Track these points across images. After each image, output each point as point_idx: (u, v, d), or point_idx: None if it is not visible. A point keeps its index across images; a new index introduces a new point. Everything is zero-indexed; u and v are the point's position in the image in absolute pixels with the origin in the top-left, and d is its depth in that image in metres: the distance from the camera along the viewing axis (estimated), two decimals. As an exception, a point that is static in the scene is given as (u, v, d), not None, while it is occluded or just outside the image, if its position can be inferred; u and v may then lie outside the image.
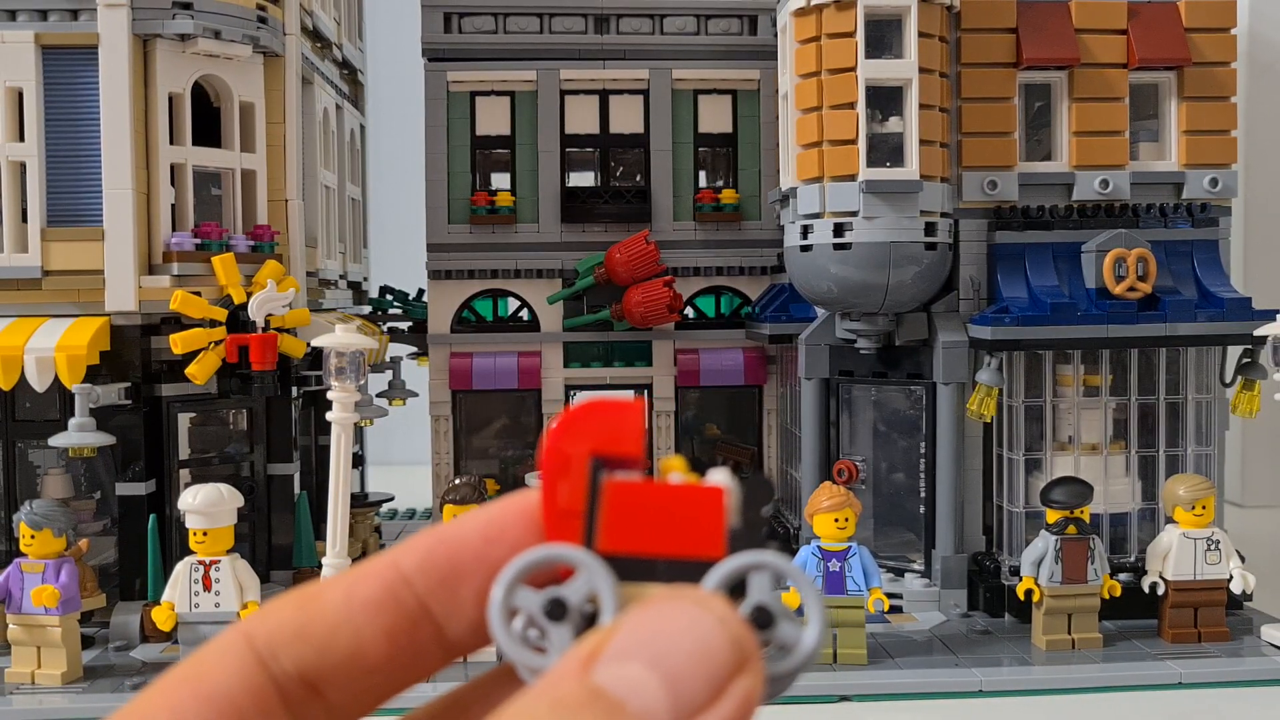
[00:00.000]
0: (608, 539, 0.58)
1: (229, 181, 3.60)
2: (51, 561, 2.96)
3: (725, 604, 0.53)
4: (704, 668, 0.48)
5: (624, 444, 0.58)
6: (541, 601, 0.56)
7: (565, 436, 0.59)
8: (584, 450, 0.59)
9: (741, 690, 0.49)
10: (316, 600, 0.56)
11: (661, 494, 0.58)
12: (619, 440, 0.59)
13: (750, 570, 0.55)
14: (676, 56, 4.32)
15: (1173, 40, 3.52)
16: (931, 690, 2.96)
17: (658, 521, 0.57)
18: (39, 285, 3.32)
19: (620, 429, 0.59)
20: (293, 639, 0.55)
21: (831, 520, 3.04)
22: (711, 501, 0.57)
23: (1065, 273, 3.46)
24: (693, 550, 0.55)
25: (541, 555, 0.57)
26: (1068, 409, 3.54)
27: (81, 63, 3.33)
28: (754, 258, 4.37)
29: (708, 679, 0.48)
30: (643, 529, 0.57)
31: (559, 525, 0.59)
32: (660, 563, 0.56)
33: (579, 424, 0.59)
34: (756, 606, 0.54)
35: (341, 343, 2.91)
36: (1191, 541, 3.20)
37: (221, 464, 3.65)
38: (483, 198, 4.30)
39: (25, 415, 3.46)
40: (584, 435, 0.59)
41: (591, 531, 0.58)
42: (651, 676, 0.48)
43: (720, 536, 0.56)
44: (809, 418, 3.82)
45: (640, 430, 0.59)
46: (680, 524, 0.56)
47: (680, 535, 0.56)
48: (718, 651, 0.49)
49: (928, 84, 3.34)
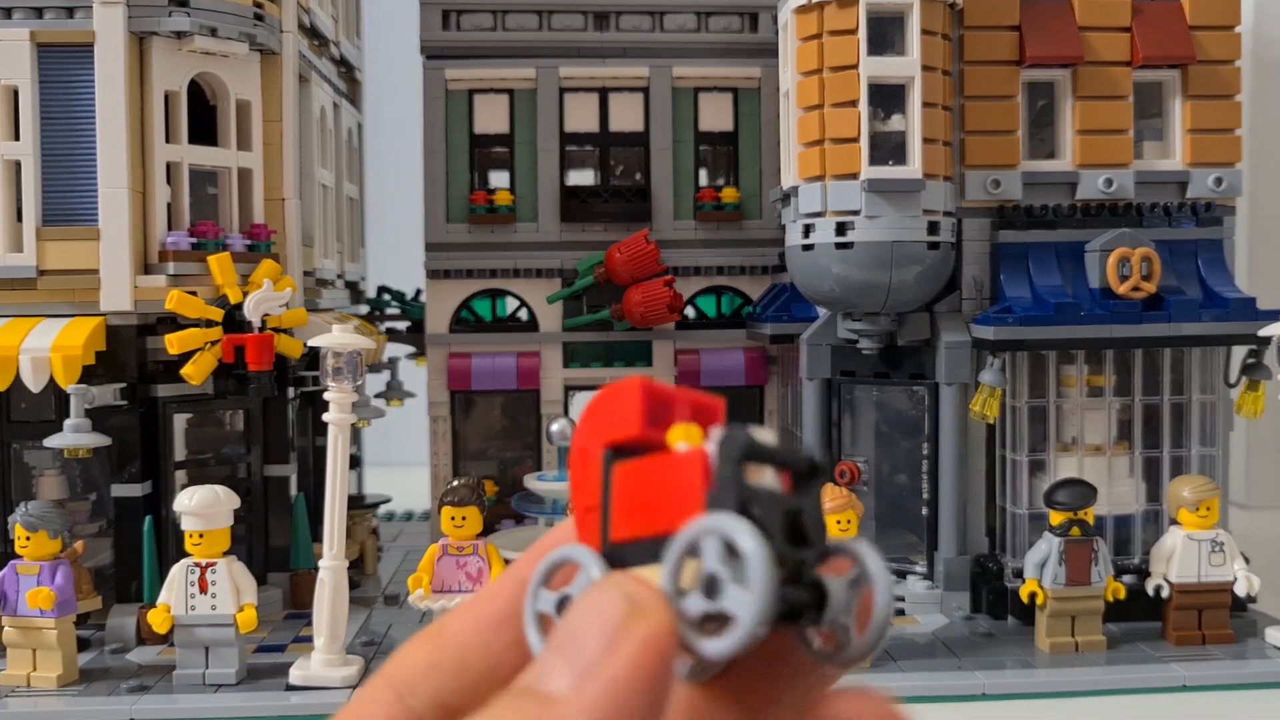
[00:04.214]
0: (617, 528, 0.57)
1: (225, 180, 3.57)
2: (47, 563, 2.94)
3: (633, 578, 0.53)
4: (596, 626, 0.51)
5: (625, 428, 0.57)
6: (554, 601, 0.58)
7: (582, 433, 0.59)
8: (599, 443, 0.58)
9: (636, 635, 0.49)
10: (444, 630, 0.61)
11: (653, 471, 0.56)
12: (621, 425, 0.57)
13: (700, 538, 0.52)
14: (677, 54, 4.30)
15: (1177, 38, 3.50)
16: (933, 694, 2.94)
17: (653, 500, 0.56)
18: (34, 285, 3.30)
19: (620, 413, 0.58)
20: (426, 671, 0.59)
21: (834, 522, 3.02)
22: (690, 469, 0.55)
23: (1069, 272, 3.44)
24: (678, 523, 0.54)
25: (553, 559, 0.59)
26: (1071, 410, 3.52)
27: (77, 61, 3.31)
28: (755, 257, 4.34)
29: (600, 634, 0.50)
30: (642, 511, 0.56)
31: (584, 522, 0.59)
32: (659, 541, 0.55)
33: (591, 418, 0.59)
34: (706, 575, 0.52)
35: (339, 343, 2.89)
36: (1196, 543, 3.18)
37: (218, 465, 3.63)
38: (481, 196, 4.27)
39: (20, 416, 3.43)
40: (597, 428, 0.59)
41: (606, 524, 0.58)
42: (557, 656, 0.51)
43: (698, 504, 0.54)
44: (811, 419, 3.80)
45: (636, 409, 0.57)
46: (670, 498, 0.55)
47: (670, 509, 0.55)
48: (608, 609, 0.51)
49: (930, 82, 3.32)
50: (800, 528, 0.55)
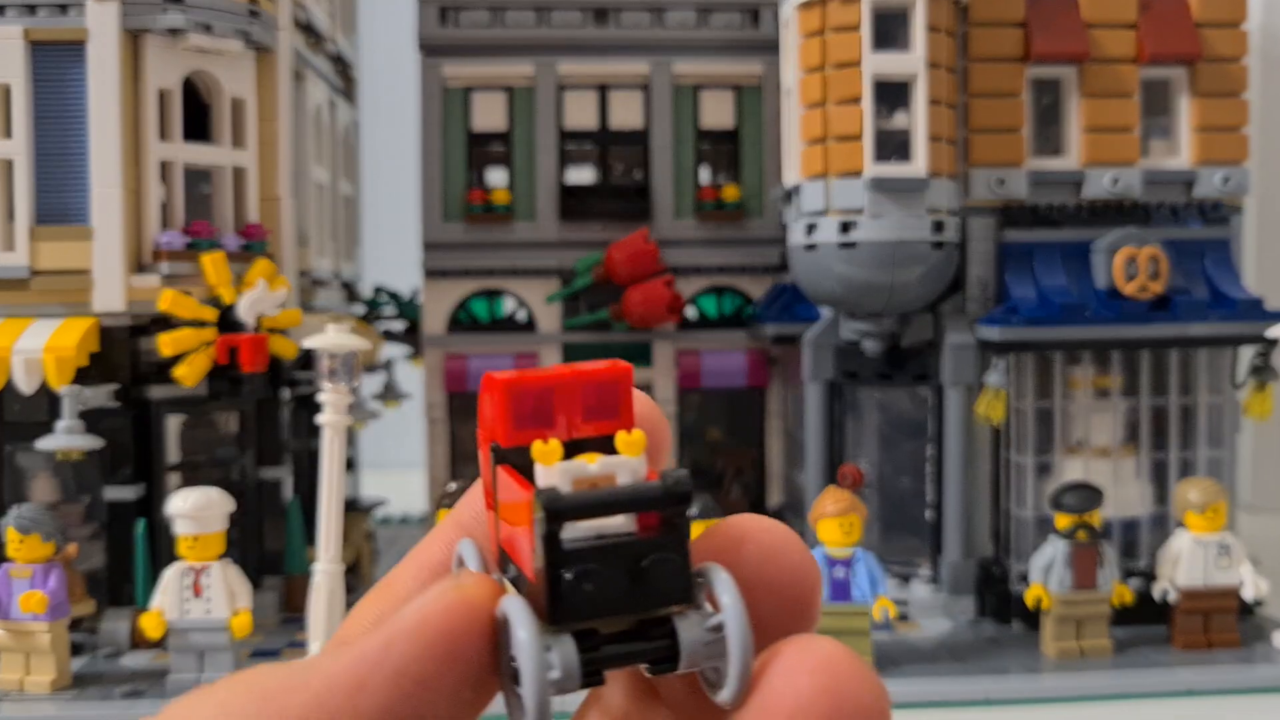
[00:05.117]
0: (500, 531, 0.55)
1: (220, 179, 3.54)
2: (40, 567, 2.92)
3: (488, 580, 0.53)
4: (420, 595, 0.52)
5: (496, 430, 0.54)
6: None
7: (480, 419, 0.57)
8: (485, 437, 0.56)
9: (434, 600, 0.50)
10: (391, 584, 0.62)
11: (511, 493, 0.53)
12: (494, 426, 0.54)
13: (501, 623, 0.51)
14: (678, 50, 4.26)
15: (1183, 34, 3.46)
16: (937, 700, 2.91)
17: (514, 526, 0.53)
18: (27, 285, 3.27)
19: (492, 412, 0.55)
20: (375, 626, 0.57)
21: (837, 526, 2.99)
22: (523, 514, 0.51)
23: (1075, 272, 3.41)
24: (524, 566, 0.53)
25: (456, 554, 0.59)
26: (1077, 412, 3.49)
27: (70, 58, 3.28)
28: (756, 256, 4.30)
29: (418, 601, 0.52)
30: (510, 527, 0.54)
31: (489, 505, 0.57)
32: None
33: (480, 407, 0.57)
34: (507, 664, 0.51)
35: (334, 344, 2.86)
36: (1203, 547, 3.15)
37: (211, 468, 3.59)
38: (479, 195, 4.24)
39: (13, 418, 3.40)
40: (483, 420, 0.56)
41: (497, 521, 0.56)
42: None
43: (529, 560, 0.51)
44: (813, 421, 3.77)
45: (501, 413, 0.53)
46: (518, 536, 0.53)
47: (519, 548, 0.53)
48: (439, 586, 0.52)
49: (935, 78, 3.29)
50: (644, 574, 0.50)
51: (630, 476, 0.51)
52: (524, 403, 0.53)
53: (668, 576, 0.50)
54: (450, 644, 0.49)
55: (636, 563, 0.50)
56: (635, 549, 0.50)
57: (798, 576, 0.54)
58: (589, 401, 0.55)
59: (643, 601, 0.50)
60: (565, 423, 0.54)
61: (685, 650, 0.51)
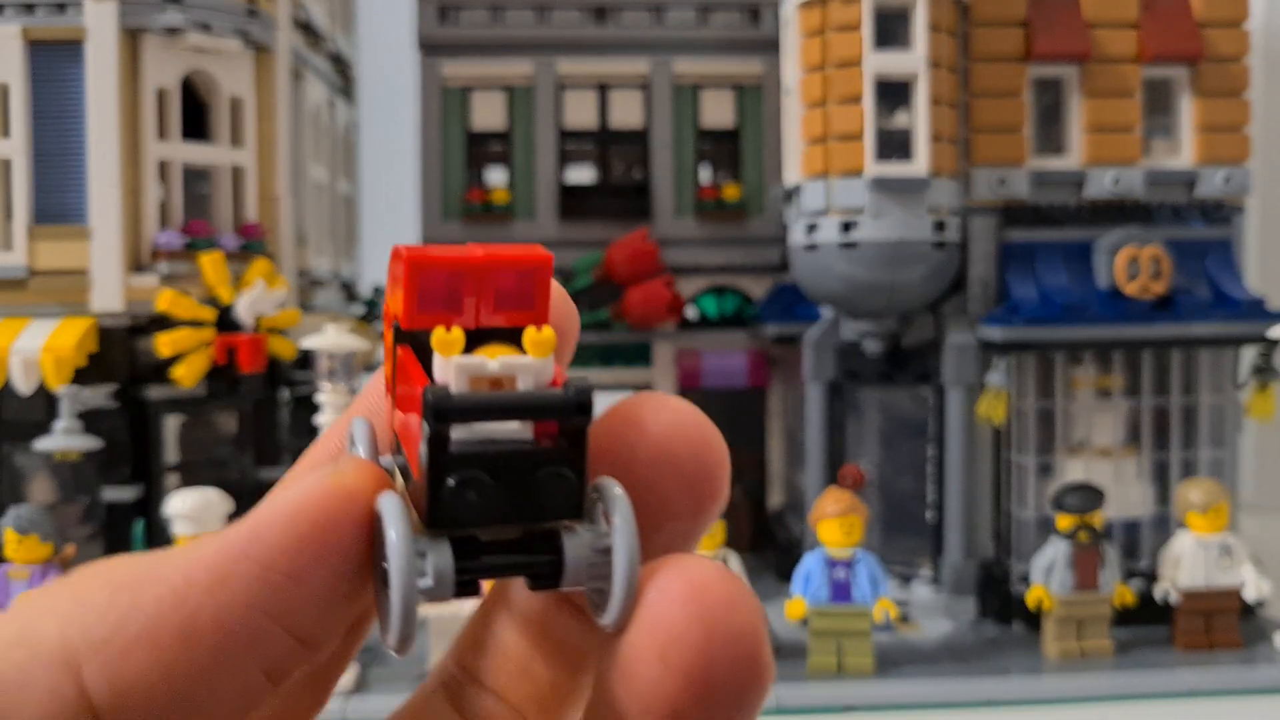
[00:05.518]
0: (394, 415, 0.52)
1: (218, 178, 3.53)
2: (38, 567, 2.90)
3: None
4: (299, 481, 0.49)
5: (399, 310, 0.50)
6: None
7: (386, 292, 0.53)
8: (389, 313, 0.52)
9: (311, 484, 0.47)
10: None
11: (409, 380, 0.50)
12: (398, 304, 0.50)
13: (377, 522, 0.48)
14: (677, 49, 4.25)
15: (1185, 34, 3.45)
16: (939, 701, 2.90)
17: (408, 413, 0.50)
18: (25, 285, 3.27)
19: (397, 288, 0.51)
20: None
21: (838, 526, 2.98)
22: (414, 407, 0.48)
23: (1076, 272, 3.40)
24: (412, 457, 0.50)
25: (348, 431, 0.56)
26: (1079, 412, 3.47)
27: (68, 58, 3.27)
28: (757, 256, 4.29)
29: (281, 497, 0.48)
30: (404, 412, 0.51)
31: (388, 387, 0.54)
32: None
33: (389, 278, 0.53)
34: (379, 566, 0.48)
35: (333, 344, 2.85)
36: (1204, 548, 3.14)
37: (210, 468, 3.59)
38: (478, 194, 4.23)
39: (11, 418, 3.39)
40: (390, 294, 0.52)
41: (392, 401, 0.53)
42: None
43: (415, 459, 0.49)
44: (814, 421, 3.75)
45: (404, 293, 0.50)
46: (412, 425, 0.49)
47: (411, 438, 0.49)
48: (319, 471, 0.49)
49: (937, 77, 3.27)
50: (533, 486, 0.47)
51: (533, 379, 0.48)
52: (432, 282, 0.49)
53: (559, 491, 0.48)
54: (324, 536, 0.46)
55: (528, 473, 0.47)
56: (528, 458, 0.47)
57: (701, 450, 0.51)
58: (503, 288, 0.50)
59: (529, 514, 0.47)
60: (474, 309, 0.50)
61: (569, 568, 0.48)
